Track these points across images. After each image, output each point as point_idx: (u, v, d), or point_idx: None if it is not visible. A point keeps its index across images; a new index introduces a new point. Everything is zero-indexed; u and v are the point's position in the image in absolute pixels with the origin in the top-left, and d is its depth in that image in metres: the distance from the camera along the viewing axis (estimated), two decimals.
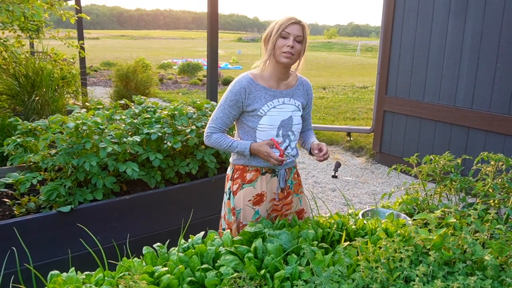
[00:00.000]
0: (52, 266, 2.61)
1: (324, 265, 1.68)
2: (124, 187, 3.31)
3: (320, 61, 31.52)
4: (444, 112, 5.64)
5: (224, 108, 2.27)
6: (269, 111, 2.25)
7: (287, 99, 2.31)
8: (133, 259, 1.71)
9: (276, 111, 2.26)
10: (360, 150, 7.46)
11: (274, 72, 2.27)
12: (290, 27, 2.17)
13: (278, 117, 2.27)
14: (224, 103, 2.27)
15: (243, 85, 2.24)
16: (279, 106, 2.27)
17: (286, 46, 2.16)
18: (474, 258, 1.66)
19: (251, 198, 2.31)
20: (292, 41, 2.16)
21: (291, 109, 2.31)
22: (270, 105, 2.25)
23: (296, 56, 2.21)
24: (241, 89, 2.23)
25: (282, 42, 2.17)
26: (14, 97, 5.54)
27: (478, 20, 5.16)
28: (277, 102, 2.27)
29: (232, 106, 2.25)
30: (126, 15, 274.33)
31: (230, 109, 2.26)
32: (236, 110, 2.26)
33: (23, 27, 5.27)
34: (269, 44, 2.21)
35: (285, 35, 2.17)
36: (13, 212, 2.91)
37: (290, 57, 2.18)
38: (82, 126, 3.06)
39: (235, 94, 2.24)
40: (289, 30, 2.17)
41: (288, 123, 2.30)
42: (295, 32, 2.17)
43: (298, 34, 2.18)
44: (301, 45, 2.21)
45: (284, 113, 2.29)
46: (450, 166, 2.45)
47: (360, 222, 2.13)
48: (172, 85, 16.92)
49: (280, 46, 2.18)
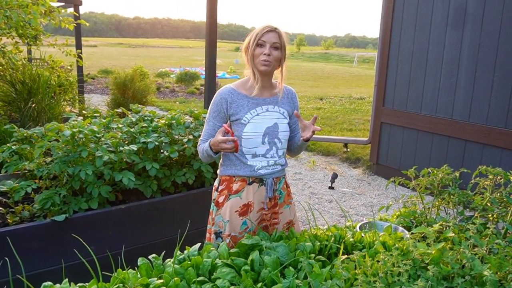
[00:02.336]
0: (45, 275, 2.57)
1: (322, 278, 1.65)
2: (120, 196, 3.29)
3: (317, 72, 31.65)
4: (441, 124, 5.65)
5: (209, 120, 2.32)
6: (252, 119, 2.25)
7: (271, 106, 2.31)
8: (128, 270, 1.68)
9: (260, 118, 2.26)
10: (357, 162, 7.45)
11: (256, 81, 2.27)
12: (266, 35, 2.18)
13: (263, 124, 2.27)
14: (209, 115, 2.32)
15: (223, 95, 2.27)
16: (262, 113, 2.28)
17: (262, 54, 2.18)
18: (473, 273, 1.65)
19: (238, 208, 2.30)
20: (268, 49, 2.18)
21: (276, 116, 2.31)
22: (253, 113, 2.26)
23: (275, 62, 2.23)
24: (221, 100, 2.26)
25: (259, 51, 2.19)
26: (10, 103, 5.52)
27: (475, 33, 5.19)
28: (260, 109, 2.27)
29: (216, 118, 2.29)
30: (124, 23, 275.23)
31: (214, 120, 2.30)
32: (220, 121, 2.28)
33: (21, 33, 5.26)
34: (248, 53, 2.23)
35: (261, 43, 2.19)
36: (7, 221, 2.88)
37: (268, 64, 2.20)
38: (78, 134, 3.04)
39: (216, 105, 2.28)
40: (264, 38, 2.18)
41: (274, 130, 2.29)
42: (271, 39, 2.19)
43: (274, 41, 2.19)
44: (279, 51, 2.21)
45: (269, 120, 2.29)
46: (448, 180, 2.43)
47: (358, 235, 2.11)
48: (169, 94, 16.92)
49: (257, 54, 2.20)
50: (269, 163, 2.31)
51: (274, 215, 2.42)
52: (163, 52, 57.22)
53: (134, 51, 56.19)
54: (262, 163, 2.30)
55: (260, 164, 2.29)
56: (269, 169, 2.32)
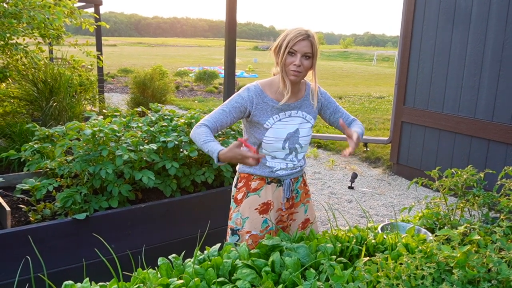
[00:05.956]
0: (66, 273, 2.60)
1: (344, 281, 1.63)
2: (140, 195, 3.30)
3: (336, 71, 31.45)
4: (464, 124, 5.55)
5: (226, 107, 2.19)
6: (274, 124, 2.22)
7: (294, 112, 2.27)
8: (148, 270, 1.68)
9: (282, 124, 2.24)
10: (377, 161, 7.38)
11: (286, 89, 2.19)
12: (298, 44, 2.10)
13: (284, 130, 2.24)
14: (228, 103, 2.21)
15: (251, 94, 2.20)
16: (285, 119, 2.25)
17: (293, 64, 2.11)
18: (499, 278, 1.60)
19: (257, 206, 2.28)
20: (299, 60, 2.10)
21: (298, 121, 2.28)
22: (275, 118, 2.22)
23: (305, 72, 2.16)
24: (249, 97, 2.20)
25: (290, 60, 2.12)
26: (32, 102, 5.59)
27: (500, 30, 5.08)
28: (283, 115, 2.24)
29: (235, 108, 2.18)
30: (143, 22, 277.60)
31: (232, 109, 2.18)
32: (237, 113, 2.19)
33: (44, 34, 5.32)
34: (278, 57, 2.16)
35: (292, 52, 2.11)
36: (29, 219, 2.91)
37: (298, 75, 2.14)
38: (99, 133, 3.06)
39: (242, 99, 2.19)
40: (296, 47, 2.10)
41: (295, 135, 2.27)
42: (303, 49, 2.10)
43: (306, 51, 2.11)
44: (310, 60, 2.14)
45: (291, 126, 2.26)
46: (473, 181, 2.38)
47: (380, 236, 2.07)
48: (188, 93, 17.00)
49: (288, 63, 2.13)
50: (288, 165, 2.30)
51: (291, 216, 2.40)
52: (182, 51, 57.53)
53: (153, 50, 56.61)
54: (281, 165, 2.28)
55: (279, 166, 2.28)
56: (288, 170, 2.30)
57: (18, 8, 4.37)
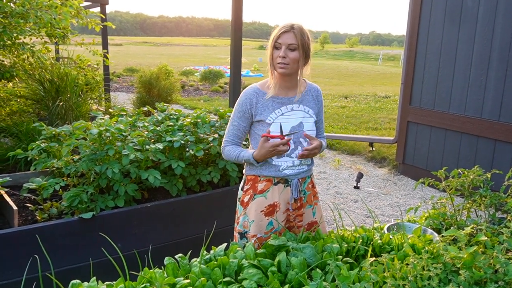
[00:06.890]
0: (73, 272, 2.61)
1: (350, 281, 1.63)
2: (146, 194, 3.31)
3: (341, 70, 31.41)
4: (470, 123, 5.52)
5: (234, 120, 2.30)
6: (277, 118, 2.23)
7: (296, 105, 2.28)
8: (155, 269, 1.68)
9: (285, 118, 2.24)
10: (383, 161, 7.36)
11: (278, 81, 2.25)
12: (282, 37, 2.15)
13: (287, 124, 2.24)
14: (233, 115, 2.31)
15: (249, 95, 2.25)
16: (287, 113, 2.25)
17: (278, 57, 2.16)
18: (506, 279, 1.59)
19: (263, 208, 2.28)
20: (283, 51, 2.14)
21: (301, 115, 2.28)
22: (278, 113, 2.23)
23: (293, 64, 2.17)
24: (247, 100, 2.25)
25: (276, 53, 2.17)
26: (39, 102, 5.61)
27: (506, 29, 5.05)
28: (285, 109, 2.25)
29: (240, 118, 2.28)
30: (149, 22, 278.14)
31: (239, 120, 2.28)
32: (245, 121, 2.28)
33: (50, 33, 5.34)
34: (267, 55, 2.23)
35: (277, 46, 2.17)
36: (36, 218, 2.93)
37: (285, 67, 2.17)
38: (105, 133, 3.07)
39: (241, 105, 2.26)
40: (280, 40, 2.15)
41: (299, 129, 2.27)
42: (287, 41, 2.14)
43: (290, 43, 2.14)
44: (296, 52, 2.15)
45: (294, 119, 2.26)
46: (480, 181, 2.37)
47: (386, 237, 2.07)
48: (194, 92, 17.02)
49: (275, 57, 2.18)
50: (295, 163, 2.28)
51: (298, 217, 2.39)
52: (187, 51, 57.61)
53: (158, 50, 56.73)
54: (288, 163, 2.27)
55: (286, 164, 2.27)
56: (295, 169, 2.29)
57: (25, 8, 4.39)
